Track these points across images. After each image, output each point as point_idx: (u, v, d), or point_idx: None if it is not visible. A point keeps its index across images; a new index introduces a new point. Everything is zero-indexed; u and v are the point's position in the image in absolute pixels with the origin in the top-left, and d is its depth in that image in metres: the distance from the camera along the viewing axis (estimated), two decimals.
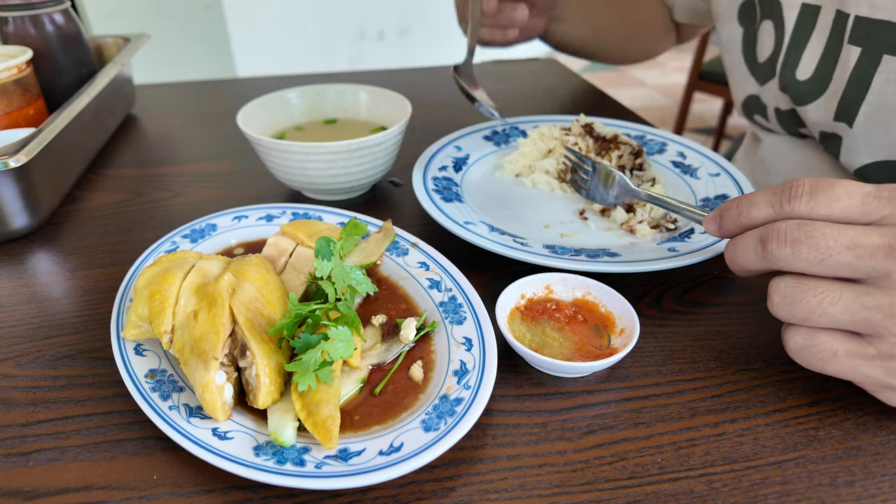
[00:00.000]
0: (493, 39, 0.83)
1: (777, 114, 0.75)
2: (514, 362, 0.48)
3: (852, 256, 0.37)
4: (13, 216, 0.63)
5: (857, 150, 0.65)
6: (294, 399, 0.40)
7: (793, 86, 0.68)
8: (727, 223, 0.45)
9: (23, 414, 0.44)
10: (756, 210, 0.42)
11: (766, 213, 0.42)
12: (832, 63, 0.64)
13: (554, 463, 0.40)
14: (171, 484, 0.39)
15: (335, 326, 0.41)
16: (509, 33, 0.82)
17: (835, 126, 0.66)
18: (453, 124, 0.85)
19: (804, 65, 0.67)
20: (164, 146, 0.89)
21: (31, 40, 0.77)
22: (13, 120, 0.71)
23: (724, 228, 0.45)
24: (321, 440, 0.38)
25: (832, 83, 0.64)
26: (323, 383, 0.40)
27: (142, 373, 0.44)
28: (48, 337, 0.52)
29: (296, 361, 0.40)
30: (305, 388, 0.40)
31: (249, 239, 0.60)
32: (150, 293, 0.45)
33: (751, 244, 0.41)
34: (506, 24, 0.80)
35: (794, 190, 0.40)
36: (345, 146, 0.63)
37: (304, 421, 0.39)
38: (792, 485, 0.39)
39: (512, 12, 0.79)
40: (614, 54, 1.06)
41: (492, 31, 0.82)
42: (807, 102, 0.68)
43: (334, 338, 0.41)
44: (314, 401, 0.40)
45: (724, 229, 0.45)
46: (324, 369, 0.40)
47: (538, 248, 0.57)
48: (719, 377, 0.47)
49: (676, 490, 0.38)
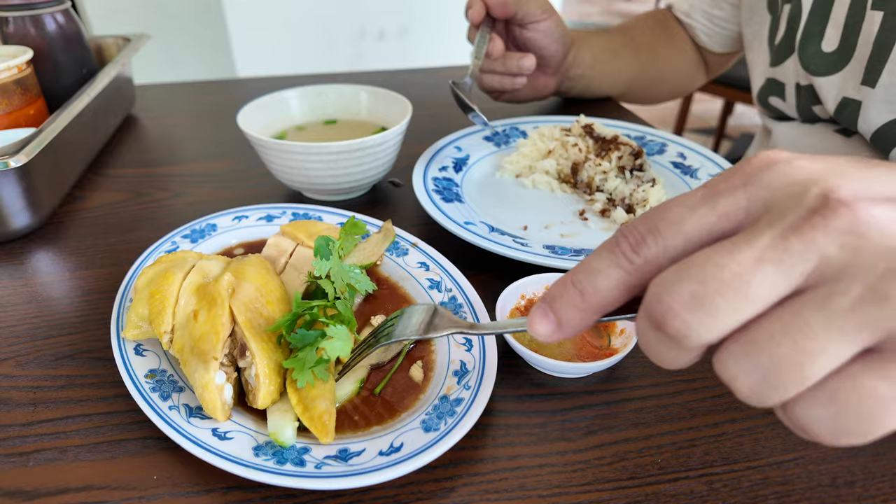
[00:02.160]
0: (503, 86, 0.83)
1: (797, 90, 0.76)
2: (514, 363, 0.48)
3: (773, 266, 0.23)
4: (13, 216, 0.63)
5: (877, 110, 0.66)
6: (290, 394, 0.40)
7: (817, 58, 0.70)
8: (568, 314, 0.29)
9: (23, 414, 0.44)
10: (603, 279, 0.28)
11: (616, 277, 0.28)
12: (856, 30, 0.66)
13: (554, 463, 0.40)
14: (171, 484, 0.39)
15: (333, 325, 0.41)
16: (517, 81, 0.82)
17: (858, 90, 0.67)
18: (454, 125, 0.85)
19: (829, 37, 0.69)
20: (165, 146, 0.89)
21: (31, 40, 0.77)
22: (13, 120, 0.71)
23: (568, 323, 0.29)
24: (318, 434, 0.38)
25: (857, 49, 0.66)
26: (319, 379, 0.40)
27: (142, 373, 0.44)
28: (48, 337, 0.52)
29: (293, 358, 0.41)
30: (304, 385, 0.40)
31: (249, 239, 0.60)
32: (151, 293, 0.45)
33: (645, 331, 0.26)
34: (514, 70, 0.80)
35: (630, 238, 0.27)
36: (345, 146, 0.63)
37: (301, 416, 0.39)
38: (792, 485, 0.39)
39: (520, 60, 0.80)
40: (644, 98, 1.07)
41: (501, 78, 0.82)
42: (833, 73, 0.69)
43: (332, 336, 0.41)
44: (311, 396, 0.40)
45: (568, 324, 0.29)
46: (320, 366, 0.40)
47: (538, 249, 0.57)
48: None
49: (676, 490, 0.38)
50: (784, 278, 0.23)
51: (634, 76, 1.00)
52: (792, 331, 0.22)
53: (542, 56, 0.85)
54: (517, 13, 0.80)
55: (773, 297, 0.23)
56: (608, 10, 5.24)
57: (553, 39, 0.84)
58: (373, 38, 2.42)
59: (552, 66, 0.87)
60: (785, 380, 0.23)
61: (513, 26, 0.83)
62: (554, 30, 0.83)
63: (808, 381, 0.23)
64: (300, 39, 2.32)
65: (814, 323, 0.22)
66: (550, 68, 0.88)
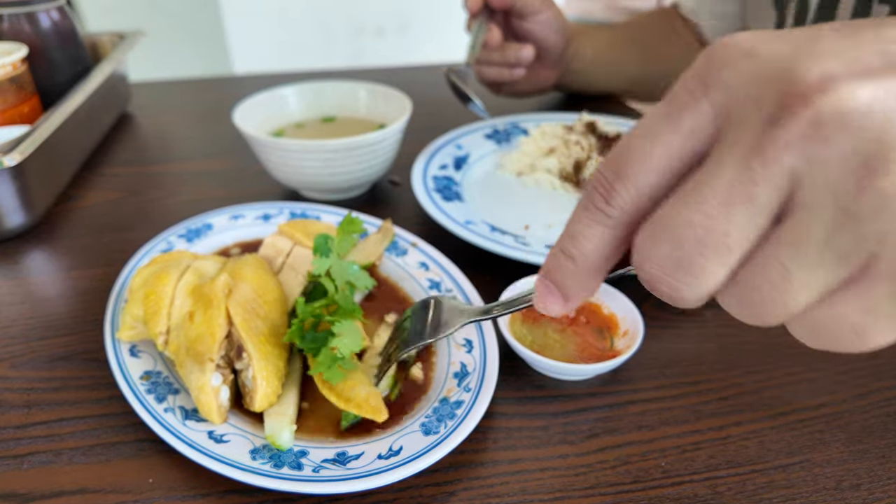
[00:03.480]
0: (501, 77, 0.82)
1: None
2: (515, 364, 0.48)
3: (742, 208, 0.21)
4: (7, 215, 0.62)
5: None
6: (328, 395, 0.40)
7: None
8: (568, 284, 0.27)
9: (17, 416, 0.44)
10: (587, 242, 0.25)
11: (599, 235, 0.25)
12: None
13: (556, 467, 0.40)
14: (167, 487, 0.38)
15: (339, 322, 0.41)
16: (515, 72, 0.82)
17: None
18: (453, 122, 0.84)
19: None
20: (160, 144, 0.89)
21: (25, 37, 0.76)
22: (8, 118, 0.70)
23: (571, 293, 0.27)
24: (371, 417, 0.39)
25: None
26: (349, 371, 0.41)
27: (137, 375, 0.43)
28: (43, 338, 0.51)
29: (317, 364, 0.40)
30: (339, 382, 0.40)
31: (246, 238, 0.59)
32: (146, 294, 0.44)
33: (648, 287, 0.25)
34: (513, 61, 0.80)
35: (600, 188, 0.24)
36: (343, 144, 0.63)
37: (346, 408, 0.39)
38: (797, 488, 0.38)
39: (518, 50, 0.79)
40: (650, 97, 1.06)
41: (499, 69, 0.82)
42: None
43: (340, 333, 0.41)
44: (348, 388, 0.40)
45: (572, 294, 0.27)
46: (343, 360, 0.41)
47: (539, 248, 0.57)
48: (723, 380, 0.47)
49: (680, 494, 0.38)
50: (758, 217, 0.21)
51: (638, 73, 0.99)
52: (773, 277, 0.21)
53: (542, 48, 0.84)
54: (515, 4, 0.80)
55: (754, 237, 0.21)
56: (611, 6, 5.22)
57: (553, 31, 0.83)
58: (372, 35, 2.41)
59: (552, 58, 0.87)
60: (769, 317, 0.23)
61: (512, 18, 0.83)
62: (553, 21, 0.83)
63: (794, 313, 0.22)
64: (298, 36, 2.31)
65: (791, 266, 0.21)
66: (550, 61, 0.87)
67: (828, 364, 0.48)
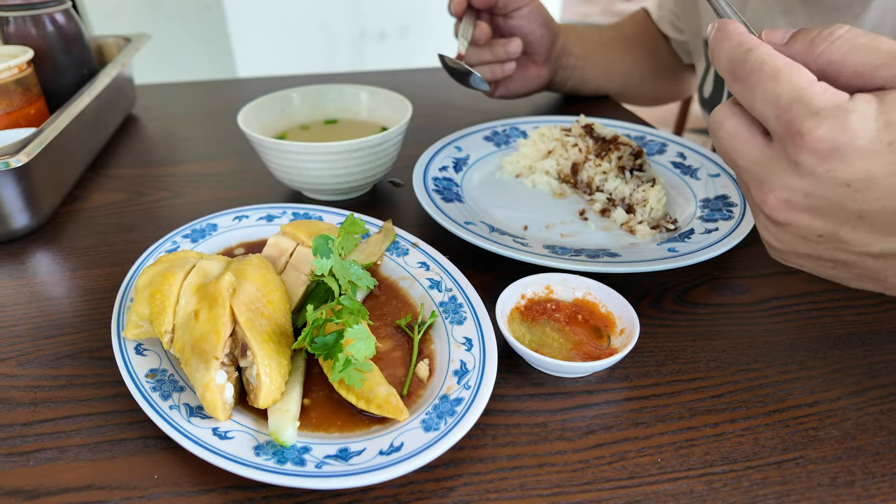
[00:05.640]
0: (493, 74, 0.84)
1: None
2: (514, 362, 0.48)
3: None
4: (14, 216, 0.63)
5: None
6: (348, 396, 0.41)
7: None
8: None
9: (24, 413, 0.44)
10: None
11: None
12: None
13: (554, 463, 0.40)
14: (172, 483, 0.39)
15: (349, 326, 0.42)
16: (507, 67, 0.83)
17: None
18: (453, 125, 0.85)
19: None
20: (165, 146, 0.89)
21: (32, 40, 0.77)
22: (14, 120, 0.71)
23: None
24: (394, 416, 0.40)
25: None
26: (366, 371, 0.42)
27: (142, 372, 0.44)
28: (49, 336, 0.52)
29: (334, 369, 0.41)
30: (358, 384, 0.41)
31: (250, 239, 0.60)
32: (151, 293, 0.45)
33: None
34: (502, 56, 0.82)
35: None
36: (345, 146, 0.63)
37: (368, 408, 0.41)
38: (791, 485, 0.39)
39: (506, 44, 0.81)
40: (642, 97, 1.07)
41: (491, 67, 0.83)
42: None
43: (351, 338, 0.41)
44: (367, 389, 0.41)
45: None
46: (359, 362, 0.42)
47: (538, 249, 0.57)
48: (719, 377, 0.47)
49: (676, 490, 0.38)
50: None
51: (628, 70, 1.00)
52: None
53: (529, 42, 0.85)
54: (498, 2, 0.81)
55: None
56: (608, 10, 5.23)
57: (538, 24, 0.85)
58: (373, 39, 2.42)
59: (541, 52, 0.88)
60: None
61: (496, 17, 0.84)
62: (537, 14, 0.84)
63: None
64: (301, 39, 2.32)
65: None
66: (540, 56, 0.88)
67: (822, 362, 0.48)
